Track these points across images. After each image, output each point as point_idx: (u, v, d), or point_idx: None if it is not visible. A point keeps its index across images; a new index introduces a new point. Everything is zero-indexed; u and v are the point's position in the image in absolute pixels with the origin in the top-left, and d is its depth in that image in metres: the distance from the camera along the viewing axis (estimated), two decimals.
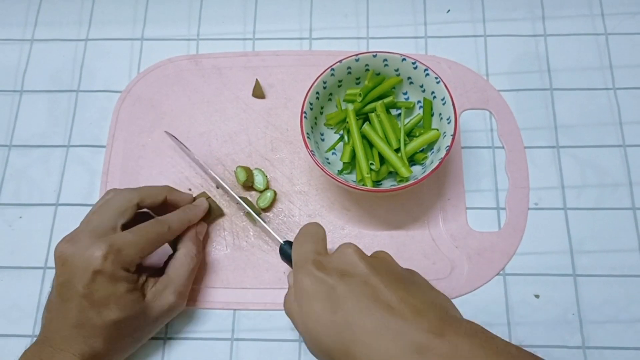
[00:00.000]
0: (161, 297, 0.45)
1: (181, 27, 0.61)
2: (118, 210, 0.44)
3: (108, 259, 0.41)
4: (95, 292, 0.41)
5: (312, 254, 0.40)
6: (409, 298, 0.35)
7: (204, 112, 0.57)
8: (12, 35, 0.61)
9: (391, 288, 0.36)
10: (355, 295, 0.35)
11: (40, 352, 0.41)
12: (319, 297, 0.36)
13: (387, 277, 0.37)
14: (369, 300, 0.35)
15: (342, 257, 0.38)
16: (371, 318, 0.34)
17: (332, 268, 0.38)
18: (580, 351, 0.47)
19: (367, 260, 0.38)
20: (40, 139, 0.57)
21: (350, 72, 0.51)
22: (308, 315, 0.37)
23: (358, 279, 0.37)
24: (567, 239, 0.51)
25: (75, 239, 0.42)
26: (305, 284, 0.37)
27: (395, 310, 0.34)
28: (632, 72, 0.56)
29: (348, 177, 0.50)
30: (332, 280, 0.37)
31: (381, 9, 0.60)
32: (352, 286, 0.36)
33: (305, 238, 0.42)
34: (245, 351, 0.48)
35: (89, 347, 0.41)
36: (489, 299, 0.49)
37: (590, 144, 0.54)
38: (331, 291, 0.36)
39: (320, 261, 0.39)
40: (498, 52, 0.58)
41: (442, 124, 0.49)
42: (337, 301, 0.36)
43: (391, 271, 0.38)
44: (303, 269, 0.38)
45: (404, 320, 0.34)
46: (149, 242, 0.44)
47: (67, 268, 0.41)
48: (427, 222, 0.52)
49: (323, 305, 0.36)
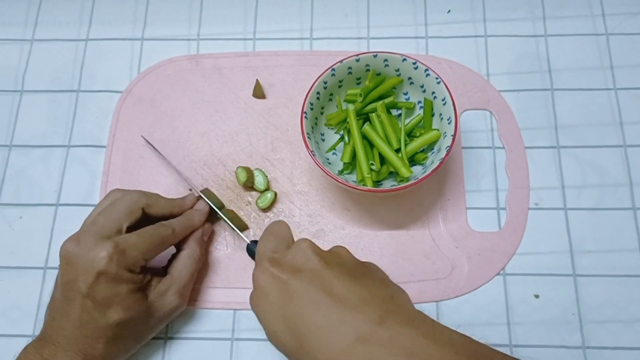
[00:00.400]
0: (164, 298, 0.45)
1: (182, 27, 0.61)
2: (124, 212, 0.44)
3: (112, 260, 0.41)
4: (99, 292, 0.41)
5: (270, 252, 0.40)
6: (359, 290, 0.36)
7: (205, 112, 0.57)
8: (13, 35, 0.61)
9: (341, 280, 0.36)
10: (306, 289, 0.36)
11: (42, 349, 0.41)
12: (274, 293, 0.37)
13: (339, 270, 0.37)
14: (319, 293, 0.36)
15: (296, 252, 0.39)
16: (320, 310, 0.35)
17: (287, 264, 0.38)
18: (580, 351, 0.47)
19: (320, 255, 0.38)
20: (40, 139, 0.57)
21: (351, 72, 0.51)
22: (265, 310, 0.38)
23: (310, 273, 0.37)
24: (568, 239, 0.51)
25: (80, 239, 0.42)
26: (261, 280, 0.38)
27: (343, 301, 0.35)
28: (632, 72, 0.56)
29: (348, 177, 0.50)
30: (285, 276, 0.37)
31: (382, 9, 0.60)
32: (303, 280, 0.37)
33: (267, 237, 0.42)
34: (246, 351, 0.48)
35: (91, 347, 0.41)
36: (489, 299, 0.49)
37: (591, 144, 0.54)
38: (284, 286, 0.37)
39: (276, 258, 0.39)
40: (498, 52, 0.58)
41: (442, 124, 0.49)
42: (289, 296, 0.36)
43: (344, 265, 0.39)
44: (260, 267, 0.39)
45: (350, 310, 0.35)
46: (153, 245, 0.44)
47: (72, 268, 0.41)
48: (428, 222, 0.52)
49: (277, 300, 0.37)
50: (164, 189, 0.53)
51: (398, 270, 0.50)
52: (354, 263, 0.40)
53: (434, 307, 0.49)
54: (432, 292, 0.49)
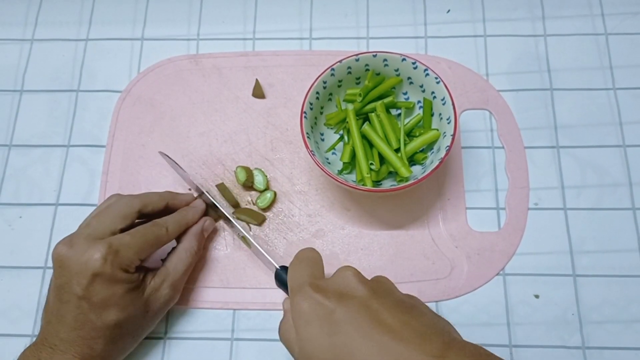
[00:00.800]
0: (159, 291, 0.45)
1: (181, 27, 0.61)
2: (119, 216, 0.44)
3: (107, 261, 0.41)
4: (95, 294, 0.41)
5: (309, 277, 0.39)
6: (411, 322, 0.34)
7: (204, 111, 0.57)
8: (13, 35, 0.61)
9: (392, 312, 0.35)
10: (354, 319, 0.34)
11: (39, 352, 0.41)
12: (317, 321, 0.35)
13: (388, 300, 0.36)
14: (370, 323, 0.34)
15: (340, 280, 0.38)
16: (372, 342, 0.33)
17: (331, 291, 0.37)
18: (580, 351, 0.47)
19: (366, 284, 0.37)
20: (40, 138, 0.57)
21: (350, 72, 0.51)
22: (306, 339, 0.36)
23: (357, 301, 0.36)
24: (567, 239, 0.51)
25: (73, 241, 0.42)
26: (303, 307, 0.36)
27: (397, 334, 0.34)
28: (632, 72, 0.56)
29: (348, 177, 0.50)
30: (330, 303, 0.36)
31: (381, 9, 0.60)
32: (351, 309, 0.35)
33: (301, 262, 0.41)
34: (245, 351, 0.48)
35: (89, 349, 0.41)
36: (488, 299, 0.49)
37: (590, 144, 0.54)
38: (330, 314, 0.35)
39: (318, 284, 0.38)
40: (498, 52, 0.58)
41: (442, 124, 0.49)
42: (336, 324, 0.35)
43: (392, 295, 0.37)
44: (300, 293, 0.37)
45: (406, 344, 0.33)
46: (147, 244, 0.44)
47: (65, 271, 0.41)
48: (427, 222, 0.52)
49: (321, 328, 0.35)
50: (164, 188, 0.53)
51: (397, 270, 0.50)
52: (400, 294, 0.38)
53: (434, 307, 0.49)
54: (432, 292, 0.49)
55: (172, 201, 0.48)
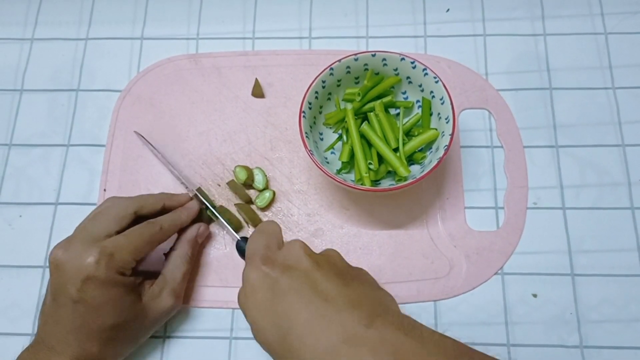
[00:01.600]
0: (158, 300, 0.45)
1: (181, 27, 0.61)
2: (114, 218, 0.44)
3: (101, 264, 0.41)
4: (90, 297, 0.41)
5: (262, 250, 0.40)
6: (347, 291, 0.36)
7: (204, 111, 0.57)
8: (13, 34, 0.61)
9: (331, 281, 0.37)
10: (295, 288, 0.36)
11: (36, 353, 0.41)
12: (263, 290, 0.37)
13: (329, 271, 0.38)
14: (308, 292, 0.36)
15: (288, 252, 0.39)
16: (307, 309, 0.35)
17: (278, 262, 0.39)
18: (578, 350, 0.47)
19: (312, 256, 0.39)
20: (40, 138, 0.57)
21: (349, 72, 0.51)
22: (253, 306, 0.38)
23: (301, 272, 0.37)
24: (566, 239, 0.51)
25: (68, 244, 0.42)
26: (251, 277, 0.38)
27: (331, 301, 0.35)
28: (631, 71, 0.56)
29: (347, 177, 0.50)
30: (275, 274, 0.38)
31: (381, 8, 0.60)
32: (294, 279, 0.37)
33: (258, 235, 0.42)
34: (244, 350, 0.48)
35: (85, 351, 0.41)
36: (487, 298, 0.49)
37: (590, 143, 0.54)
38: (274, 284, 0.37)
39: (268, 256, 0.39)
40: (497, 51, 0.58)
41: (440, 123, 0.49)
42: (278, 293, 0.37)
43: (334, 266, 0.39)
44: (251, 264, 0.39)
45: (337, 311, 0.35)
46: (142, 244, 0.44)
47: (61, 273, 0.41)
48: (426, 222, 0.52)
49: (266, 297, 0.37)
50: (163, 188, 0.54)
51: (396, 269, 0.50)
52: (344, 266, 0.40)
53: (432, 306, 0.49)
54: (431, 291, 0.49)
55: (168, 202, 0.49)
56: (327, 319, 0.35)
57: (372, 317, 0.34)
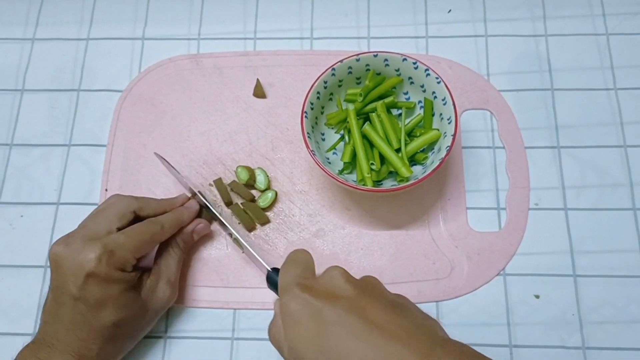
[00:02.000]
0: (156, 290, 0.45)
1: (182, 27, 0.61)
2: (115, 216, 0.44)
3: (102, 261, 0.41)
4: (91, 294, 0.41)
5: (298, 278, 0.39)
6: (399, 320, 0.35)
7: (205, 111, 0.57)
8: (14, 34, 0.61)
9: (381, 310, 0.35)
10: (343, 318, 0.34)
11: (38, 351, 0.41)
12: (306, 320, 0.35)
13: (376, 299, 0.36)
14: (358, 322, 0.34)
15: (328, 279, 0.38)
16: (360, 341, 0.33)
17: (319, 290, 0.37)
18: (579, 352, 0.47)
19: (354, 283, 0.37)
20: (41, 138, 0.57)
21: (351, 72, 0.51)
22: (294, 339, 0.36)
23: (346, 301, 0.36)
24: (568, 239, 0.51)
25: (68, 241, 0.42)
26: (291, 307, 0.36)
27: (385, 332, 0.34)
28: (632, 72, 0.56)
29: (348, 177, 0.50)
30: (318, 303, 0.35)
31: (382, 9, 0.60)
32: (339, 308, 0.35)
33: (292, 264, 0.41)
34: (245, 350, 0.48)
35: (87, 349, 0.41)
36: (489, 299, 0.49)
37: (591, 144, 0.54)
38: (318, 314, 0.35)
39: (306, 284, 0.38)
40: (499, 52, 0.58)
41: (442, 124, 0.49)
42: (324, 324, 0.35)
43: (380, 294, 0.37)
44: (289, 293, 0.37)
45: (395, 342, 0.33)
46: (143, 242, 0.44)
47: (61, 271, 0.41)
48: (428, 222, 0.52)
49: (310, 328, 0.35)
50: (164, 188, 0.54)
51: (397, 270, 0.50)
52: (388, 293, 0.38)
53: (434, 307, 0.49)
54: (432, 292, 0.49)
55: (169, 208, 0.49)
56: (382, 350, 0.33)
57: (430, 346, 0.33)
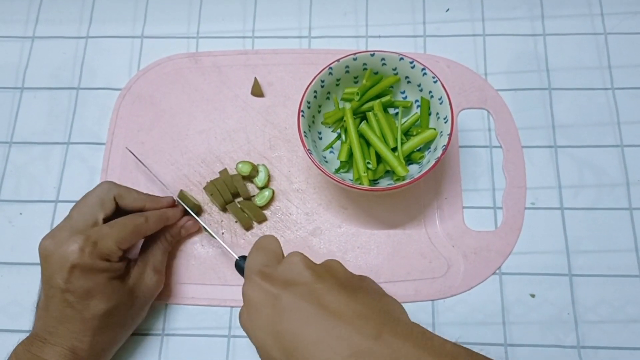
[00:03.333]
0: (143, 278, 0.46)
1: (181, 25, 0.61)
2: (97, 204, 0.45)
3: (85, 252, 0.41)
4: (77, 286, 0.41)
5: (260, 266, 0.39)
6: (353, 303, 0.35)
7: (203, 110, 0.57)
8: (13, 32, 0.62)
9: (335, 294, 0.35)
10: (298, 304, 0.35)
11: (30, 346, 0.41)
12: (265, 308, 0.36)
13: (332, 283, 0.36)
14: (312, 307, 0.34)
15: (288, 266, 0.38)
16: (313, 325, 0.34)
17: (278, 278, 0.37)
18: (575, 351, 0.47)
19: (312, 269, 0.37)
20: (40, 136, 0.57)
21: (349, 71, 0.51)
22: (256, 326, 0.36)
23: (302, 287, 0.36)
24: (564, 239, 0.51)
25: (55, 234, 0.43)
26: (251, 295, 0.37)
27: (337, 316, 0.34)
28: (630, 72, 0.56)
29: (345, 176, 0.50)
30: (276, 290, 0.36)
31: (380, 8, 0.60)
32: (295, 295, 0.35)
33: (257, 252, 0.41)
34: (242, 348, 0.49)
35: (78, 341, 0.42)
36: (484, 298, 0.49)
37: (588, 143, 0.54)
38: (276, 301, 0.35)
39: (266, 272, 0.38)
40: (497, 51, 0.58)
41: (439, 123, 0.49)
42: (281, 311, 0.35)
43: (337, 278, 0.37)
44: (250, 281, 0.38)
45: (345, 325, 0.33)
46: (127, 233, 0.44)
47: (48, 264, 0.42)
48: (424, 221, 0.52)
49: (268, 315, 0.35)
50: (163, 186, 0.54)
51: (394, 268, 0.50)
52: (347, 276, 0.39)
53: (430, 306, 0.49)
54: (428, 291, 0.50)
55: (149, 204, 0.48)
56: (333, 334, 0.33)
57: (381, 329, 0.33)
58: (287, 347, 0.34)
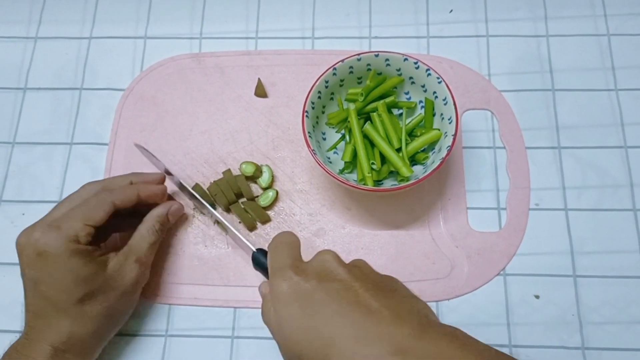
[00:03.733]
0: (124, 268, 0.44)
1: (184, 26, 0.61)
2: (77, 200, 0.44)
3: (50, 236, 0.41)
4: (48, 274, 0.41)
5: (290, 260, 0.39)
6: (390, 303, 0.35)
7: (206, 110, 0.57)
8: (16, 33, 0.62)
9: (371, 293, 0.35)
10: (334, 300, 0.35)
11: (16, 346, 0.41)
12: (297, 302, 0.36)
13: (367, 283, 0.36)
14: (348, 304, 0.35)
15: (320, 263, 0.38)
16: (350, 322, 0.34)
17: (311, 273, 0.37)
18: (579, 352, 0.47)
19: (346, 267, 0.38)
20: (43, 136, 0.57)
21: (352, 72, 0.51)
22: (285, 320, 0.36)
23: (337, 284, 0.36)
24: (568, 240, 0.51)
25: (28, 229, 0.43)
26: (282, 288, 0.37)
27: (375, 314, 0.34)
28: (634, 73, 0.56)
29: (349, 177, 0.50)
30: (310, 285, 0.36)
31: (383, 9, 0.60)
32: (331, 291, 0.35)
33: (281, 246, 0.41)
34: (245, 349, 0.49)
35: (58, 334, 0.41)
36: (488, 299, 0.49)
37: (592, 144, 0.54)
38: (309, 295, 0.36)
39: (299, 266, 0.38)
40: (500, 52, 0.58)
41: (443, 124, 0.49)
42: (315, 305, 0.35)
43: (370, 277, 0.38)
44: (281, 274, 0.38)
45: (385, 325, 0.33)
46: (91, 208, 0.43)
47: (21, 258, 0.42)
48: (428, 222, 0.52)
49: (301, 309, 0.35)
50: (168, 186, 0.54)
51: (398, 269, 0.50)
52: (377, 276, 0.39)
53: (434, 307, 0.49)
54: (432, 291, 0.49)
55: (135, 179, 0.48)
56: (374, 332, 0.33)
57: (420, 329, 0.33)
58: (320, 342, 0.34)
